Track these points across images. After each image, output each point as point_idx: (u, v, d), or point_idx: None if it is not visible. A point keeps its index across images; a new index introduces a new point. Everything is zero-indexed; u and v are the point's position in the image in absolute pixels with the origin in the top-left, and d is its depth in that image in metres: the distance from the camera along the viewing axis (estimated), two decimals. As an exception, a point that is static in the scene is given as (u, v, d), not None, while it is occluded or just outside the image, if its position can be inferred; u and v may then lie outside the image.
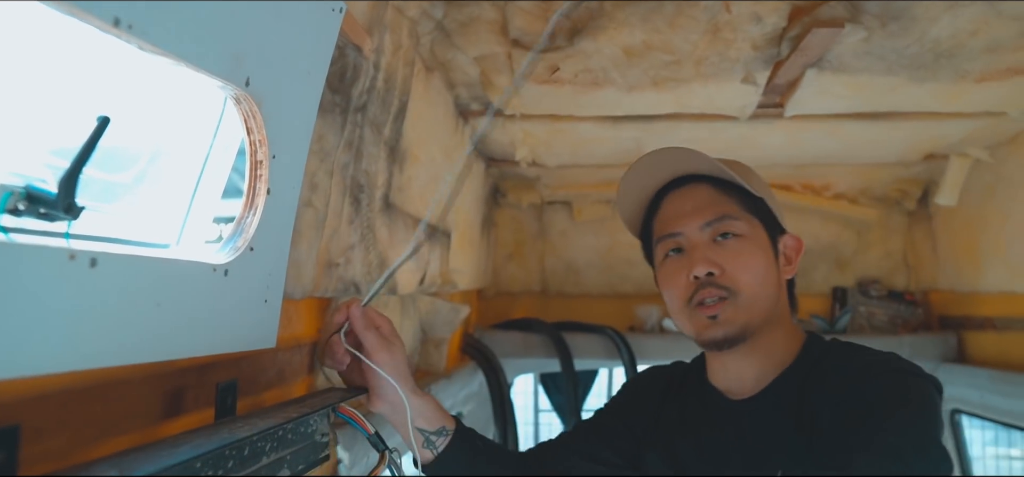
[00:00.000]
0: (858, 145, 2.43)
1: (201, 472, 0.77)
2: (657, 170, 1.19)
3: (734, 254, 1.11)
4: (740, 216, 1.13)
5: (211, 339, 0.91)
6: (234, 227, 0.98)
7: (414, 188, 1.74)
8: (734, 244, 1.12)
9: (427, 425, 1.18)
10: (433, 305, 2.10)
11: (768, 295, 1.12)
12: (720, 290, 1.10)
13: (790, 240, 1.20)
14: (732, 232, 1.12)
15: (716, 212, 1.13)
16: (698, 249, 1.12)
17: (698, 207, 1.14)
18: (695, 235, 1.14)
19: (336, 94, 1.21)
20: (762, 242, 1.14)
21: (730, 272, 1.10)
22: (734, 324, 1.10)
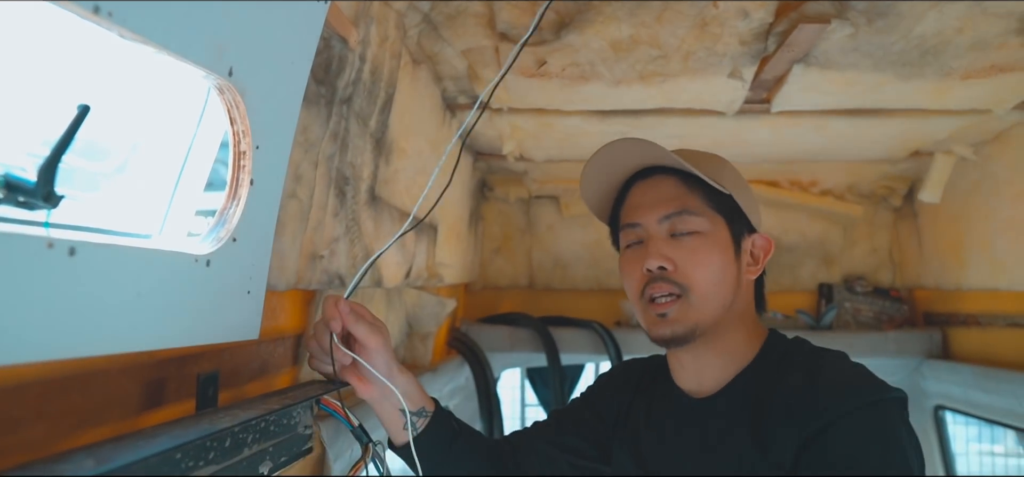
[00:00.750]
0: (845, 141, 2.44)
1: (181, 463, 0.76)
2: (623, 159, 1.17)
3: (689, 251, 1.09)
4: (701, 212, 1.10)
5: (192, 330, 0.90)
6: (217, 218, 0.97)
7: (400, 181, 1.73)
8: (691, 241, 1.10)
9: (409, 405, 1.19)
10: (419, 298, 2.09)
11: (722, 295, 1.10)
12: (671, 286, 1.09)
13: (759, 239, 1.18)
14: (691, 229, 1.10)
15: (676, 206, 1.11)
16: (654, 242, 1.11)
17: (659, 199, 1.12)
18: (653, 227, 1.12)
19: (321, 86, 1.21)
20: (721, 241, 1.11)
21: (683, 269, 1.09)
22: (683, 323, 1.09)
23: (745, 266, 1.14)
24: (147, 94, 1.10)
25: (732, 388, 1.12)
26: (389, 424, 1.21)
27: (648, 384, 1.28)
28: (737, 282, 1.12)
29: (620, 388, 1.33)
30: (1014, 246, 2.30)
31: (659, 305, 1.10)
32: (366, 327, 1.09)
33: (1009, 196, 2.30)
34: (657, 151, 1.11)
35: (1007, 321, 2.42)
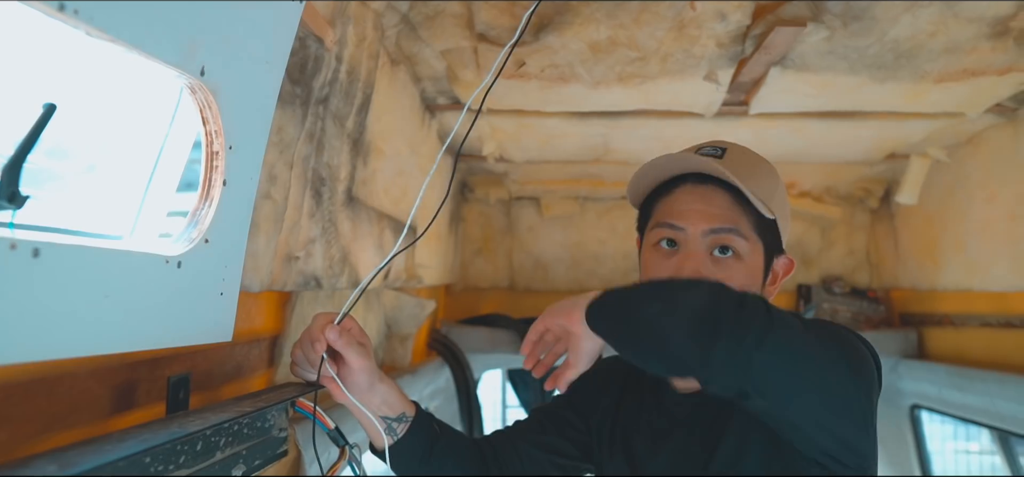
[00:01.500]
0: (822, 144, 2.46)
1: (150, 467, 0.75)
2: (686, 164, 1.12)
3: (726, 275, 1.06)
4: (747, 236, 1.07)
5: (164, 332, 0.89)
6: (189, 218, 0.96)
7: (379, 182, 1.72)
8: (731, 264, 1.07)
9: (389, 411, 1.18)
10: (398, 300, 2.08)
11: None
12: None
13: (784, 261, 1.15)
14: (734, 249, 1.07)
15: (726, 223, 1.06)
16: (694, 257, 1.07)
17: (710, 212, 1.08)
18: (696, 238, 1.07)
19: (296, 86, 1.20)
20: (756, 267, 1.09)
21: None
22: None
23: (766, 287, 1.13)
24: (117, 93, 1.09)
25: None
26: (370, 430, 1.20)
27: (634, 382, 1.28)
28: None
29: (603, 387, 1.32)
30: (987, 247, 2.33)
31: None
32: (352, 348, 1.08)
33: (982, 198, 2.33)
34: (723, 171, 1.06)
35: (980, 321, 2.45)
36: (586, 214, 3.21)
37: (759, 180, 1.08)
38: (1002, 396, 2.18)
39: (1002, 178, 2.22)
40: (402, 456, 1.22)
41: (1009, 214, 2.19)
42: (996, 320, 2.37)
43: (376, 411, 1.16)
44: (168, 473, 0.78)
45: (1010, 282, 2.23)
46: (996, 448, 2.94)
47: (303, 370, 1.11)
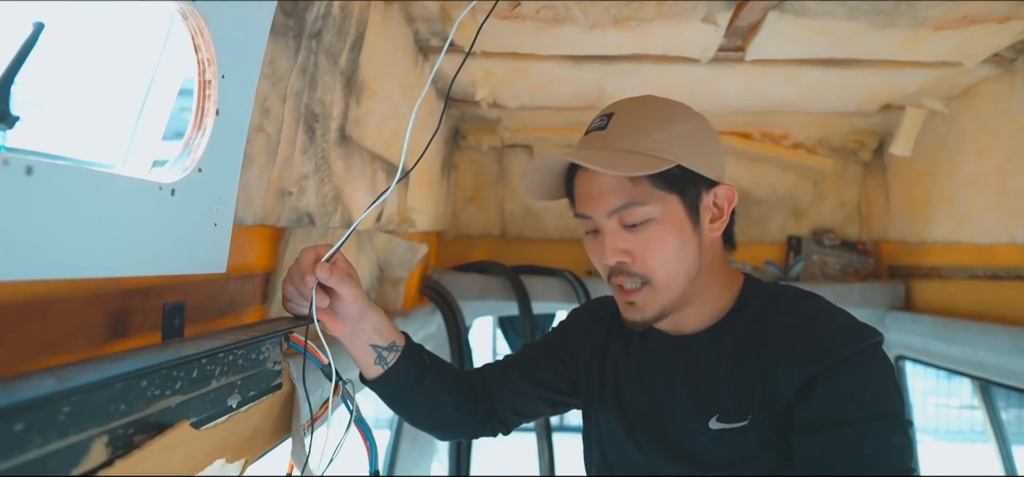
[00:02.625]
0: (817, 93, 2.45)
1: (147, 391, 0.76)
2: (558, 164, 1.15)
3: (643, 242, 1.08)
4: (649, 199, 1.06)
5: (157, 259, 0.89)
6: (182, 146, 0.95)
7: (371, 122, 1.71)
8: (644, 231, 1.08)
9: (380, 340, 1.20)
10: (390, 243, 2.08)
11: (685, 271, 1.09)
12: (634, 278, 1.09)
13: (721, 190, 1.13)
14: (641, 219, 1.07)
15: (621, 199, 1.07)
16: (608, 237, 1.09)
17: (603, 192, 1.08)
18: (603, 221, 1.09)
19: (289, 17, 1.18)
20: (676, 219, 1.08)
21: (641, 259, 1.08)
22: (651, 308, 1.10)
23: (707, 224, 1.12)
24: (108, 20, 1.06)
25: (715, 330, 1.14)
26: (360, 359, 1.21)
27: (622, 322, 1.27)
28: (698, 249, 1.11)
29: (592, 325, 1.34)
30: (976, 200, 2.34)
31: (627, 293, 1.11)
32: (344, 281, 1.09)
33: (974, 151, 2.33)
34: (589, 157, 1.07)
35: (967, 273, 2.47)
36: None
37: (648, 133, 1.08)
38: (985, 346, 2.22)
39: (995, 131, 2.22)
40: (392, 385, 1.24)
41: (999, 167, 2.20)
42: (983, 272, 2.39)
43: (367, 339, 1.18)
44: (163, 399, 0.79)
45: (997, 234, 2.25)
46: (978, 403, 3.00)
47: (296, 304, 1.11)
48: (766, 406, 1.03)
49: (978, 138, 2.31)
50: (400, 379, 1.24)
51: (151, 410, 0.75)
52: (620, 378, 1.25)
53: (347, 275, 1.10)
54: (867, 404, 0.97)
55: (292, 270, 1.09)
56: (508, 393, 1.35)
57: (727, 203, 1.14)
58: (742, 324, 1.12)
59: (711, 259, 1.14)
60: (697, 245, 1.10)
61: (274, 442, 1.16)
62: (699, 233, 1.11)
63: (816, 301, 1.11)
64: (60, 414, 0.61)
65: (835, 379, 0.98)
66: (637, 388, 1.22)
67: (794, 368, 1.01)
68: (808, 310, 1.09)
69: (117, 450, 0.70)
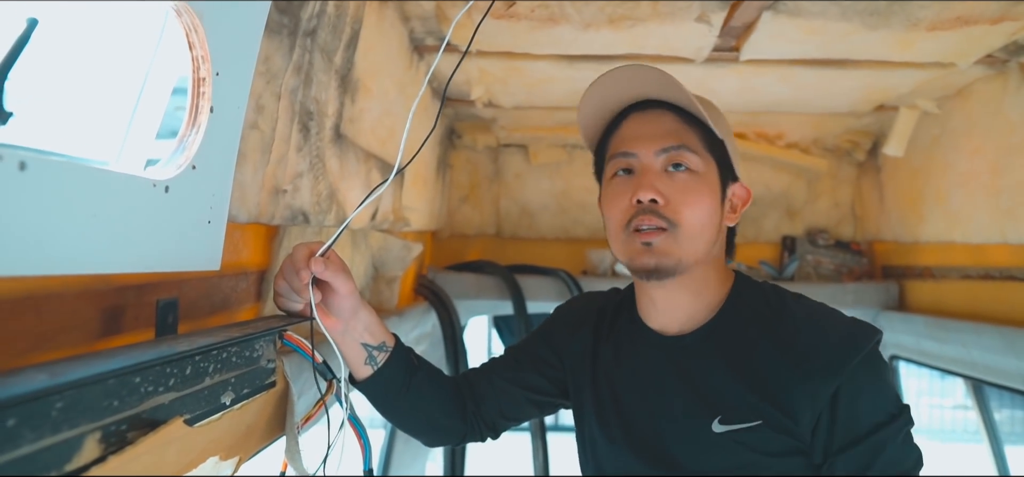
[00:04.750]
0: (811, 93, 2.46)
1: (140, 388, 0.76)
2: (627, 86, 1.15)
3: (683, 187, 1.09)
4: (698, 152, 1.10)
5: (151, 256, 0.89)
6: (176, 143, 0.95)
7: (366, 121, 1.71)
8: (685, 178, 1.10)
9: (371, 339, 1.20)
10: (385, 241, 2.08)
11: (707, 237, 1.11)
12: (660, 220, 1.08)
13: (740, 189, 1.19)
14: (687, 165, 1.10)
15: (676, 140, 1.10)
16: (648, 174, 1.10)
17: (658, 133, 1.11)
18: (648, 159, 1.11)
19: (284, 15, 1.18)
20: (712, 184, 1.12)
21: (674, 204, 1.08)
22: (668, 256, 1.08)
23: (726, 213, 1.16)
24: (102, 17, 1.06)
25: (707, 328, 1.14)
26: (350, 358, 1.21)
27: (610, 321, 1.28)
28: (719, 226, 1.13)
29: (578, 324, 1.33)
30: (969, 200, 2.35)
31: (645, 234, 1.08)
32: (339, 275, 1.09)
33: (967, 151, 2.34)
34: (674, 85, 1.09)
35: (960, 273, 2.48)
36: (574, 162, 3.21)
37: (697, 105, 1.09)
38: (978, 346, 2.22)
39: (987, 131, 2.23)
40: (381, 386, 1.24)
41: (992, 167, 2.21)
42: (975, 272, 2.40)
43: (358, 338, 1.18)
44: (157, 395, 0.79)
45: (990, 234, 2.26)
46: (970, 403, 3.01)
47: (287, 299, 1.11)
48: (775, 411, 1.03)
49: (971, 138, 2.32)
50: (389, 381, 1.23)
51: (144, 407, 0.76)
52: (613, 381, 1.23)
53: (341, 269, 1.10)
54: (883, 407, 1.01)
55: (285, 265, 1.09)
56: (494, 397, 1.35)
57: (741, 203, 1.19)
58: (736, 323, 1.12)
59: (717, 249, 1.16)
60: (719, 221, 1.13)
61: (268, 440, 1.16)
62: (721, 212, 1.14)
63: (809, 302, 1.13)
64: (53, 410, 0.61)
65: (852, 390, 1.00)
66: (632, 391, 1.20)
67: (811, 381, 1.01)
68: (806, 312, 1.10)
69: (110, 446, 0.70)
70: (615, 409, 1.21)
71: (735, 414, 1.06)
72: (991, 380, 2.27)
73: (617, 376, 1.22)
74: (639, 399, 1.18)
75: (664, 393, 1.15)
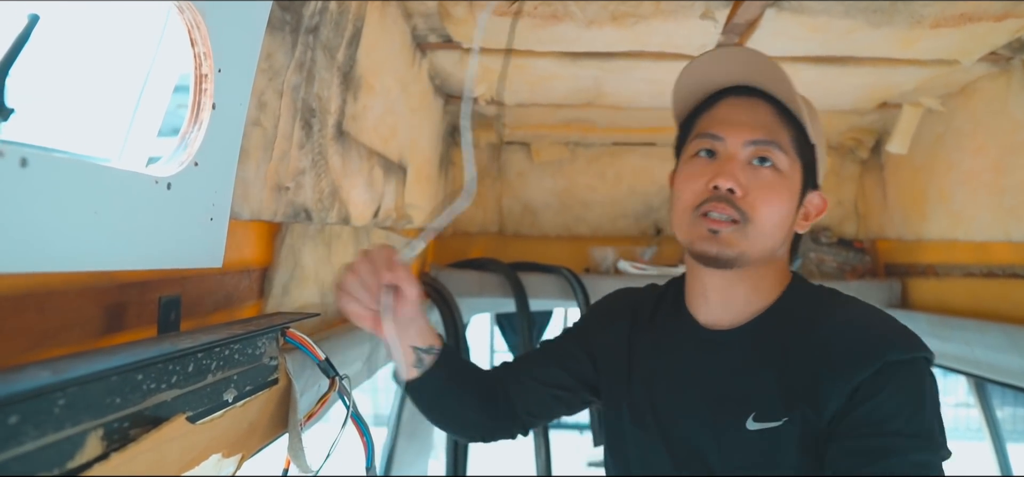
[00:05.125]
0: (815, 90, 2.45)
1: (142, 385, 0.76)
2: (731, 68, 1.12)
3: (764, 184, 1.06)
4: (787, 151, 1.07)
5: (153, 253, 0.89)
6: (178, 140, 0.95)
7: (369, 118, 1.71)
8: (769, 175, 1.07)
9: (421, 342, 1.21)
10: (388, 239, 2.08)
11: (775, 238, 1.08)
12: (734, 211, 1.05)
13: (817, 198, 1.16)
14: (774, 162, 1.07)
15: (768, 135, 1.07)
16: (732, 162, 1.07)
17: (751, 123, 1.08)
18: (735, 147, 1.07)
19: (286, 12, 1.17)
20: (793, 187, 1.09)
21: (752, 199, 1.05)
22: (732, 248, 1.06)
23: (799, 219, 1.13)
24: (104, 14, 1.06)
25: (757, 324, 1.11)
26: (401, 360, 1.23)
27: (649, 316, 1.25)
28: (789, 231, 1.12)
29: (614, 317, 1.30)
30: (972, 198, 2.34)
31: (714, 222, 1.06)
32: (412, 281, 1.11)
33: (971, 149, 2.34)
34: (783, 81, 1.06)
35: (962, 271, 2.48)
36: (576, 160, 3.20)
37: (799, 103, 1.07)
38: (981, 344, 2.22)
39: (991, 129, 2.22)
40: (428, 388, 1.25)
41: (995, 165, 2.20)
42: (978, 270, 2.39)
43: (411, 341, 1.20)
44: (159, 391, 0.79)
45: (993, 232, 2.25)
46: (973, 401, 3.01)
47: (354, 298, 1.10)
48: (806, 407, 1.00)
49: (975, 136, 2.32)
50: (433, 382, 1.25)
51: (147, 404, 0.75)
52: (650, 373, 1.20)
53: (412, 276, 1.11)
54: (904, 416, 0.95)
55: (361, 265, 1.09)
56: (522, 395, 1.35)
57: (815, 212, 1.16)
58: (781, 321, 1.10)
59: (782, 251, 1.14)
60: (789, 226, 1.11)
61: (271, 438, 1.16)
62: (795, 217, 1.12)
63: (862, 304, 1.09)
64: (55, 407, 0.61)
65: (874, 388, 0.96)
66: (668, 384, 1.17)
67: (842, 375, 0.98)
68: (856, 313, 1.07)
69: (112, 444, 0.70)
70: (649, 402, 1.18)
71: (769, 412, 1.03)
72: (994, 378, 2.27)
73: (654, 369, 1.20)
74: (675, 393, 1.16)
75: (701, 388, 1.12)
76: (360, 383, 1.69)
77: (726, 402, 1.08)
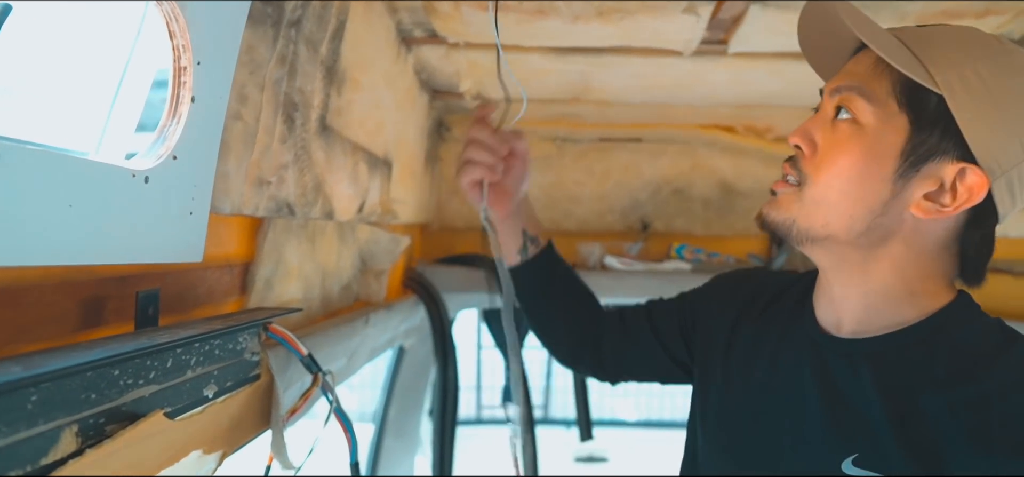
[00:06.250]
0: (799, 86, 2.45)
1: (119, 380, 0.75)
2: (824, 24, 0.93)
3: (834, 140, 0.87)
4: (877, 101, 0.83)
5: (131, 247, 0.88)
6: (156, 133, 0.94)
7: (354, 113, 1.70)
8: (845, 128, 0.86)
9: (530, 228, 1.24)
10: (373, 234, 2.07)
11: (844, 210, 0.86)
12: (796, 172, 0.90)
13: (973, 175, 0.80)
14: (852, 113, 0.85)
15: (853, 81, 0.86)
16: (816, 118, 0.92)
17: (847, 71, 0.89)
18: (826, 100, 0.91)
19: (268, 4, 1.16)
20: (881, 146, 0.83)
21: (818, 158, 0.88)
22: (781, 212, 0.91)
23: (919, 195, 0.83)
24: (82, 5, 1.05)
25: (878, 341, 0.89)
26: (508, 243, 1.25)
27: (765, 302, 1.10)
28: (880, 207, 0.85)
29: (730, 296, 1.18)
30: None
31: (778, 184, 0.94)
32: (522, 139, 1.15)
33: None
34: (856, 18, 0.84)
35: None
36: (563, 156, 3.20)
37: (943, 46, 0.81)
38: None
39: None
40: (529, 277, 1.28)
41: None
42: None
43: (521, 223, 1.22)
44: (137, 386, 0.78)
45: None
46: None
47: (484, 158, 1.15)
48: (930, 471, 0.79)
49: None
50: (537, 272, 1.27)
51: (124, 399, 0.75)
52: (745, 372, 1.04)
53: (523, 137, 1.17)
54: None
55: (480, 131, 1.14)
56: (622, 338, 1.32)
57: (967, 193, 0.81)
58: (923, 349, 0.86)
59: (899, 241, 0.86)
60: (880, 199, 0.85)
61: (252, 434, 1.15)
62: (896, 190, 0.84)
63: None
64: (28, 403, 0.60)
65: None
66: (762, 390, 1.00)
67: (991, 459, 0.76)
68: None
69: (88, 440, 0.69)
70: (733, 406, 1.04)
71: (877, 459, 0.83)
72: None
73: (751, 368, 1.04)
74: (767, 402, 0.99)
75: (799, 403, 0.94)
76: (344, 379, 1.68)
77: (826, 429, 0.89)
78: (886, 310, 0.89)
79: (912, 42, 0.82)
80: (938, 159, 0.82)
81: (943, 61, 0.79)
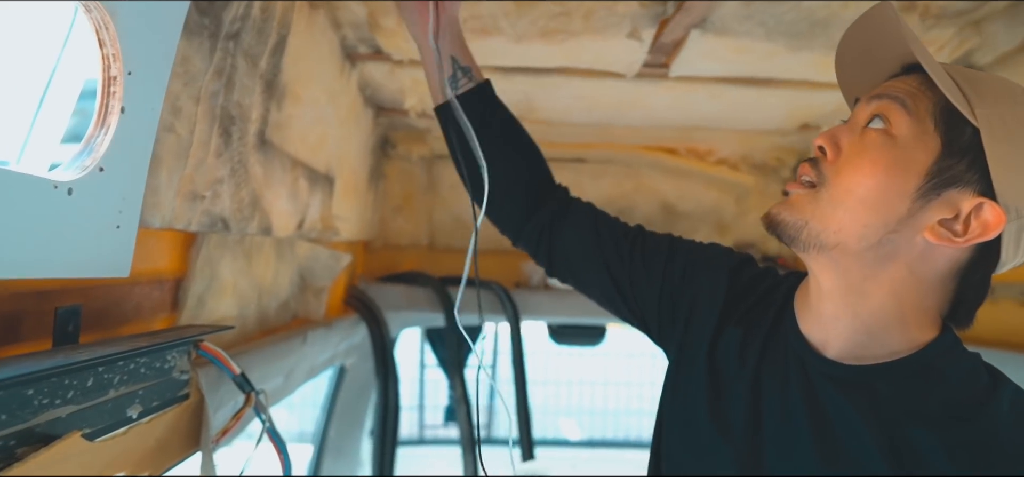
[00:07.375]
0: (739, 111, 2.51)
1: (33, 400, 0.72)
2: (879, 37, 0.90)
3: (860, 147, 0.85)
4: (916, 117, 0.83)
5: (51, 261, 0.84)
6: (82, 145, 0.91)
7: (294, 128, 1.67)
8: (875, 137, 0.84)
9: (460, 57, 1.16)
10: (313, 251, 2.04)
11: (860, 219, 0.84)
12: (814, 174, 0.88)
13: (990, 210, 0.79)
14: (888, 123, 0.84)
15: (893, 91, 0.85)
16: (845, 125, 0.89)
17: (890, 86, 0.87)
18: (860, 107, 0.89)
19: (205, 16, 1.14)
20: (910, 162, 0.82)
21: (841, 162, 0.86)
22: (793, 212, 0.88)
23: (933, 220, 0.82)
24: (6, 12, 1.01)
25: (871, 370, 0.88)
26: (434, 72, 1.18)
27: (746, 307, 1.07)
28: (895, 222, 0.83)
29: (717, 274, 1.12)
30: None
31: (791, 184, 0.91)
32: None
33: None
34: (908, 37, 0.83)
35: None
36: (508, 175, 3.21)
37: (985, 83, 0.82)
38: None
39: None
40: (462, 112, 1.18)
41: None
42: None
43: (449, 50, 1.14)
44: (53, 407, 0.75)
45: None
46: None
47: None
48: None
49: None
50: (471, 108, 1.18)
51: (37, 421, 0.71)
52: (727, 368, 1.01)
53: None
54: None
55: None
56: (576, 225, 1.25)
57: (981, 228, 0.80)
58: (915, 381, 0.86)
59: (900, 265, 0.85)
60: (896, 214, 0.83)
61: (181, 456, 1.12)
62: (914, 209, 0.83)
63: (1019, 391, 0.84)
64: (-70, 424, 0.57)
65: None
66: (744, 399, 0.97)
67: None
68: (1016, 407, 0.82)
69: (-4, 463, 0.66)
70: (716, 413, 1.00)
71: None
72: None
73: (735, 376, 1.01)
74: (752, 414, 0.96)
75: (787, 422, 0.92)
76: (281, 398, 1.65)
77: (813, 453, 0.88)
78: (876, 336, 0.88)
79: (959, 77, 0.83)
80: (960, 188, 0.81)
81: (987, 99, 0.80)
